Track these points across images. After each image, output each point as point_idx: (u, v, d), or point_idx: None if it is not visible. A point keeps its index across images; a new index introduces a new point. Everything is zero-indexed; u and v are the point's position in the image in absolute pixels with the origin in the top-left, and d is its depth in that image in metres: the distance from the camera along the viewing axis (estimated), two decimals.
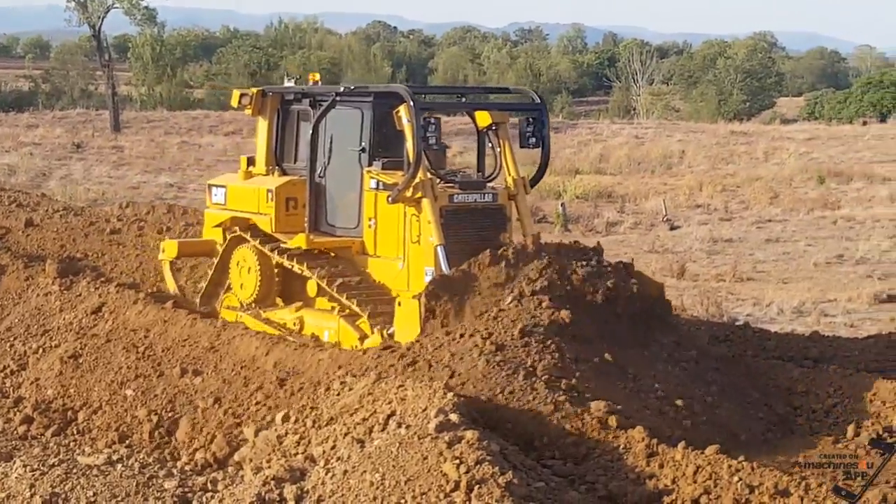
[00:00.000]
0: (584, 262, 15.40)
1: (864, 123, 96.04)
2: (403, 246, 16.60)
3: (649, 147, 67.33)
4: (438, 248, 15.95)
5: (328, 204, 17.82)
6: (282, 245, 17.95)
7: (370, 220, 17.04)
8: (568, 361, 13.88)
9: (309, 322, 17.50)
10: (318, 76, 19.36)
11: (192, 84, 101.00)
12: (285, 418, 13.93)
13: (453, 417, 12.27)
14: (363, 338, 16.33)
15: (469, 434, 11.90)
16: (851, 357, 17.50)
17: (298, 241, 17.61)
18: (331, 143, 17.70)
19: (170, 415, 15.73)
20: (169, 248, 20.32)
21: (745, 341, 18.63)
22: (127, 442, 15.49)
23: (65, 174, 48.64)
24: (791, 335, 19.92)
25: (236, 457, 14.17)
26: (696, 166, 61.26)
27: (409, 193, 16.21)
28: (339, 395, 14.03)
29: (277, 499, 12.02)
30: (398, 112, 16.12)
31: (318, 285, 17.22)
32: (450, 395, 12.86)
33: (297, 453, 13.11)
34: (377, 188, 16.87)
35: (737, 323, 21.87)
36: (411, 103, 16.04)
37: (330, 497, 11.72)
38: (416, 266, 16.41)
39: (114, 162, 52.83)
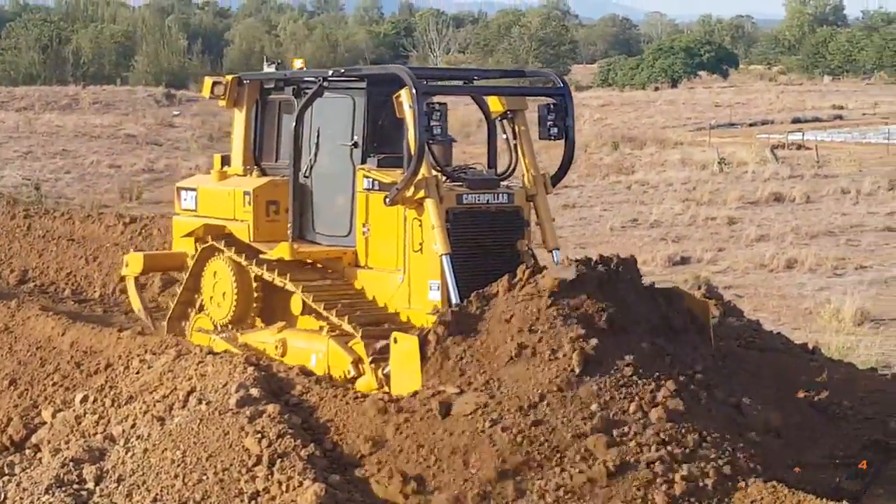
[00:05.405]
0: (627, 282, 13.11)
1: (656, 89, 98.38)
2: (403, 256, 14.20)
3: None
4: (444, 259, 13.53)
5: (315, 208, 15.45)
6: (261, 256, 15.41)
7: (364, 225, 14.66)
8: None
9: (293, 345, 14.84)
10: (303, 61, 16.93)
11: None
12: (84, 398, 13.75)
13: (254, 392, 12.26)
14: (357, 362, 13.77)
15: (270, 408, 11.93)
16: None
17: (281, 251, 15.05)
18: (317, 137, 15.37)
19: None
20: (133, 263, 17.60)
21: None
22: None
23: None
24: None
25: (34, 439, 13.91)
26: None
27: (409, 193, 13.82)
28: (138, 373, 13.91)
29: (77, 480, 11.89)
30: (398, 97, 13.80)
31: (304, 302, 14.78)
32: (250, 369, 12.85)
33: (97, 433, 12.96)
34: (372, 188, 14.46)
35: None
36: (413, 87, 13.63)
37: (130, 476, 11.64)
38: (418, 279, 14.00)
39: None
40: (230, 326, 15.82)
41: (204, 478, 11.27)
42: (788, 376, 14.18)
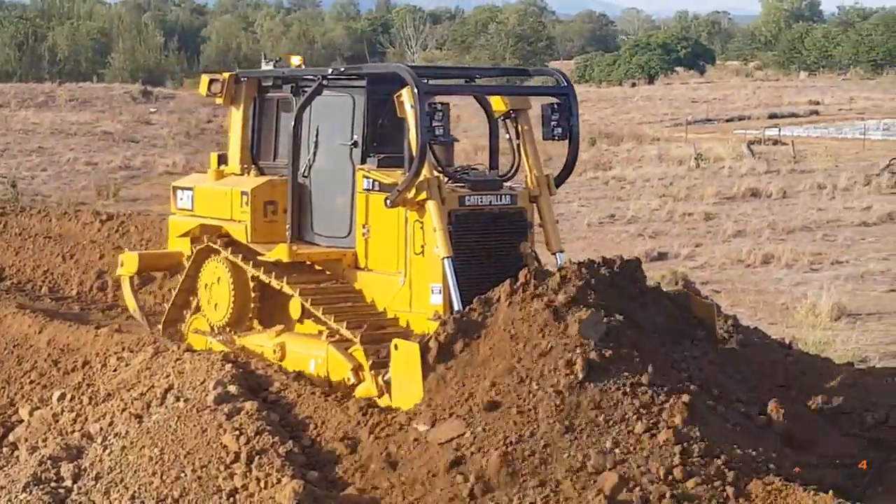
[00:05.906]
0: (633, 285, 13.06)
1: (633, 85, 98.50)
2: (404, 258, 13.84)
3: None
4: (446, 262, 13.17)
5: (314, 208, 15.10)
6: (259, 257, 15.06)
7: (364, 226, 14.30)
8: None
9: (292, 349, 14.47)
10: (300, 58, 16.52)
11: None
12: (61, 396, 13.72)
13: (232, 389, 12.26)
14: (357, 369, 13.40)
15: (248, 405, 11.93)
16: None
17: (279, 253, 14.69)
18: (316, 136, 15.03)
19: None
20: (128, 262, 17.20)
21: None
22: None
23: None
24: None
25: (11, 437, 13.87)
26: (471, 130, 61.86)
27: (410, 195, 13.44)
28: (116, 370, 13.89)
29: (54, 478, 11.86)
30: (400, 96, 13.46)
31: (303, 305, 14.43)
32: (228, 366, 12.84)
33: (74, 431, 12.92)
34: (372, 189, 14.10)
35: None
36: (415, 87, 13.28)
37: (108, 473, 11.62)
38: (419, 283, 13.64)
39: None
40: (227, 329, 15.53)
41: (182, 475, 11.25)
42: (766, 373, 14.20)
